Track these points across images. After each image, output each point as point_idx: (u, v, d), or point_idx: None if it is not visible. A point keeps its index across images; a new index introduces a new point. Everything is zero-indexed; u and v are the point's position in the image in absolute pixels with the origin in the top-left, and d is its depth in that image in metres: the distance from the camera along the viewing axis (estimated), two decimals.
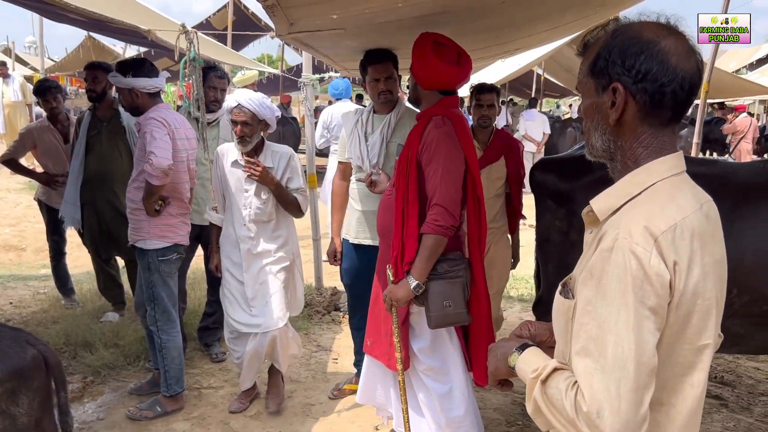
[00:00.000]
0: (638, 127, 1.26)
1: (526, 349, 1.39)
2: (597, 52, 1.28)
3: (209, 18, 13.17)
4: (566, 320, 1.29)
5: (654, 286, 1.14)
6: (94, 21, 3.22)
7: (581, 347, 1.19)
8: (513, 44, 3.86)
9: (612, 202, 1.27)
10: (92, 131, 4.54)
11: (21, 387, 2.31)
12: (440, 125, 2.71)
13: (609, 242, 1.18)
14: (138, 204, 3.44)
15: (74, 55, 16.67)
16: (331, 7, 2.42)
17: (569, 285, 1.32)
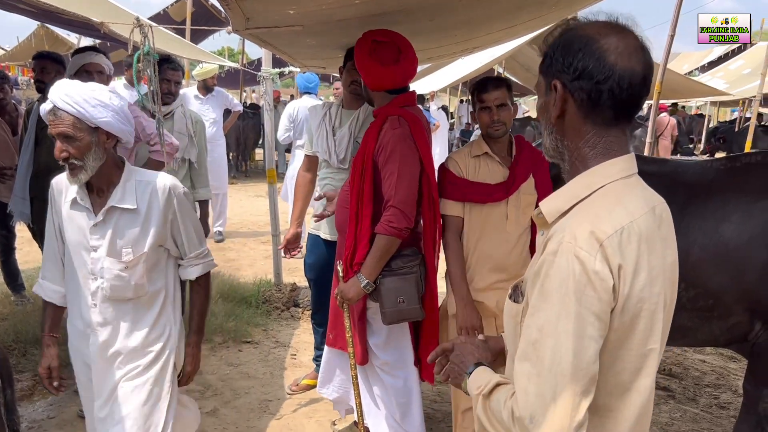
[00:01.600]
0: (581, 126, 1.24)
1: (475, 370, 1.38)
2: (545, 51, 1.27)
3: (167, 9, 12.91)
4: (515, 324, 1.28)
5: (597, 291, 1.12)
6: (44, 11, 3.14)
7: (522, 350, 1.18)
8: (471, 42, 3.89)
9: (560, 204, 1.25)
10: (42, 123, 4.41)
11: None
12: (396, 126, 2.69)
13: (554, 245, 1.16)
14: None
15: (26, 44, 16.12)
16: (287, 2, 2.41)
17: (520, 288, 1.31)
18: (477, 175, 2.76)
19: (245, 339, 4.61)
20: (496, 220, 2.74)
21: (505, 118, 2.73)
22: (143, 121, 3.46)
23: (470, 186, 2.75)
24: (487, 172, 2.76)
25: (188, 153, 4.16)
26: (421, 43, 3.45)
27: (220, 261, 6.68)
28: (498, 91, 2.72)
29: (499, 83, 2.76)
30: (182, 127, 4.11)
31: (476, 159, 2.79)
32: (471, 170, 2.78)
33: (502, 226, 2.74)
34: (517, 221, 2.74)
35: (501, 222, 2.74)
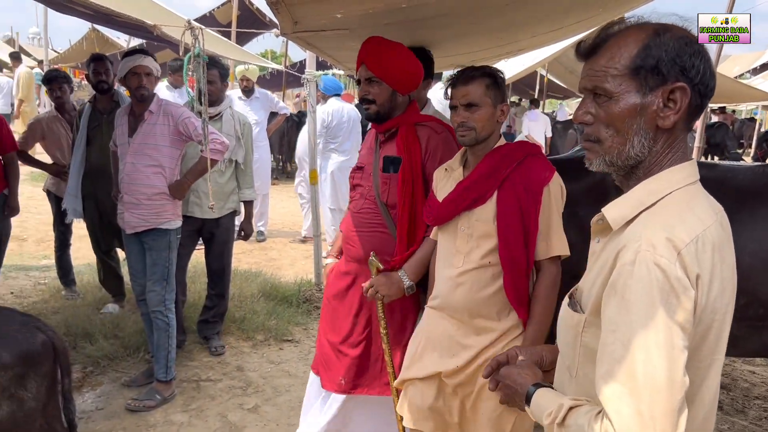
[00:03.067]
0: (681, 131, 1.21)
1: (535, 392, 1.32)
2: (643, 51, 1.18)
3: (213, 12, 13.20)
4: (575, 334, 1.25)
5: (681, 300, 1.07)
6: (100, 14, 3.25)
7: (606, 370, 1.11)
8: (515, 45, 3.88)
9: (626, 211, 1.21)
10: (92, 124, 4.57)
11: (30, 372, 2.35)
12: (440, 131, 2.59)
13: (630, 255, 1.11)
14: (160, 189, 3.59)
15: (77, 46, 16.68)
16: (335, 6, 2.44)
17: (576, 297, 1.28)
18: (439, 191, 2.35)
19: (286, 337, 4.68)
20: (446, 248, 2.29)
21: (476, 121, 2.17)
22: (194, 121, 3.56)
23: (429, 203, 2.38)
24: (446, 188, 2.30)
25: (235, 154, 4.25)
26: (465, 46, 3.46)
27: (262, 260, 6.80)
28: (466, 87, 2.18)
29: (470, 77, 2.19)
30: (230, 129, 4.20)
31: (446, 172, 2.36)
32: (439, 184, 2.38)
33: (450, 256, 2.25)
34: (466, 254, 2.19)
35: (450, 250, 2.26)
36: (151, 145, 3.59)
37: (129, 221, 3.65)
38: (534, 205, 2.12)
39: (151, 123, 3.59)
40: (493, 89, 2.18)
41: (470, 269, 2.18)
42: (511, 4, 2.79)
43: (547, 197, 2.14)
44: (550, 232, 2.16)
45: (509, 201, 2.13)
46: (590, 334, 1.22)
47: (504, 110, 2.22)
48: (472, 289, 2.18)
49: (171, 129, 3.58)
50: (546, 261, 2.19)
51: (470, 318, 2.20)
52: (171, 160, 3.64)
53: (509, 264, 2.13)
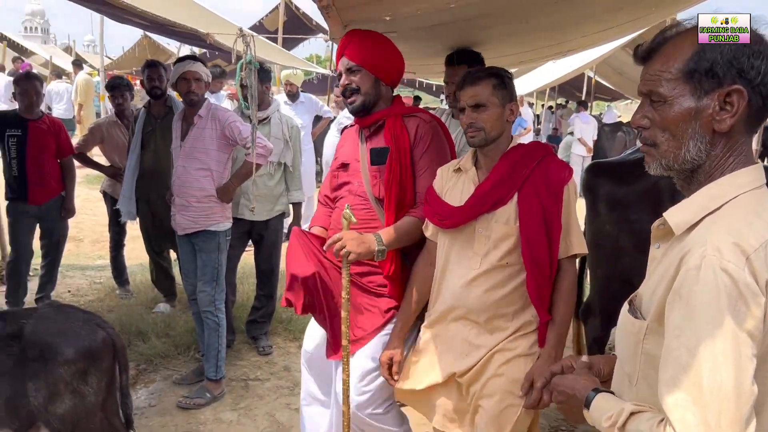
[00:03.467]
0: (737, 134, 1.18)
1: (596, 396, 1.31)
2: (697, 54, 1.17)
3: (262, 20, 13.48)
4: (636, 341, 1.23)
5: (749, 307, 1.04)
6: (156, 23, 3.35)
7: (670, 377, 1.08)
8: (564, 45, 3.83)
9: (689, 215, 1.18)
10: (147, 128, 4.70)
11: (91, 367, 2.45)
12: (428, 119, 2.53)
13: (695, 260, 1.08)
14: (209, 192, 3.69)
15: (130, 53, 17.25)
16: (384, 9, 2.47)
17: (635, 303, 1.25)
18: (448, 192, 2.29)
19: None
20: (460, 250, 2.22)
21: (485, 122, 2.14)
22: (240, 126, 3.64)
23: (437, 205, 2.29)
24: (458, 191, 2.26)
25: (284, 157, 4.32)
26: (513, 46, 3.44)
27: None
28: (473, 88, 2.16)
29: (476, 78, 2.17)
30: (278, 132, 4.28)
31: (456, 173, 2.31)
32: (447, 185, 2.31)
33: (466, 258, 2.21)
34: (484, 256, 2.16)
35: (466, 253, 2.21)
36: (200, 148, 3.69)
37: (180, 223, 3.75)
38: (556, 204, 2.13)
39: (201, 127, 3.69)
40: (500, 89, 2.16)
41: (487, 270, 2.16)
42: (560, 2, 2.76)
43: (566, 196, 2.15)
44: (570, 231, 2.17)
45: (531, 201, 2.12)
46: (652, 341, 1.20)
47: (513, 109, 2.19)
48: (489, 290, 2.16)
49: (218, 133, 3.67)
50: (565, 260, 2.19)
51: (486, 319, 2.19)
52: (219, 164, 3.72)
53: (532, 264, 2.12)
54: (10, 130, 4.59)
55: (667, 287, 1.14)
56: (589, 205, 3.56)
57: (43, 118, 4.76)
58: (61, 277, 5.84)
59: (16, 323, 2.41)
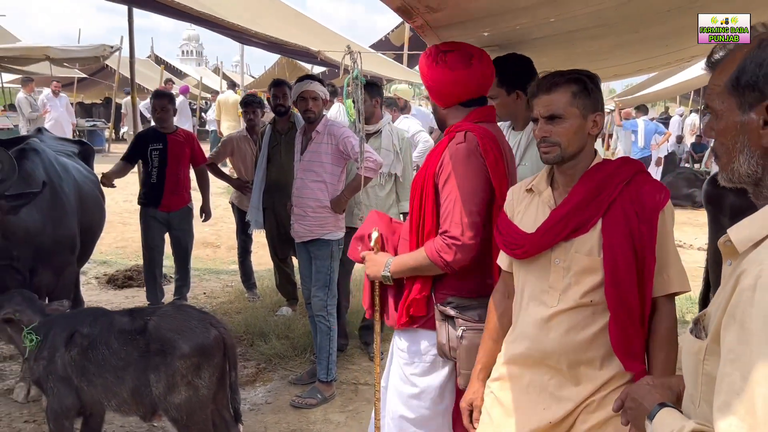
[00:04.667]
0: None
1: (660, 410, 1.28)
2: (740, 66, 1.15)
3: (388, 35, 13.82)
4: (696, 362, 1.19)
5: None
6: (273, 44, 3.61)
7: (723, 402, 1.04)
8: (687, 52, 3.63)
9: (753, 232, 1.12)
10: (272, 143, 5.02)
11: (204, 362, 2.69)
12: (460, 140, 2.21)
13: (751, 280, 1.03)
14: (323, 203, 3.92)
15: (270, 72, 18.33)
16: (481, 25, 2.50)
17: (702, 322, 1.21)
18: (520, 216, 2.02)
19: None
20: (536, 284, 1.94)
21: (560, 136, 1.85)
22: (353, 141, 3.81)
23: (507, 231, 2.01)
24: (531, 214, 1.98)
25: (394, 168, 4.46)
26: (624, 57, 3.32)
27: None
28: (549, 96, 1.86)
29: (553, 84, 1.87)
30: (389, 144, 4.43)
31: (529, 193, 2.03)
32: (519, 208, 2.04)
33: (542, 294, 1.92)
34: (563, 292, 1.87)
35: (542, 287, 1.92)
36: (316, 162, 3.93)
37: (297, 231, 4.00)
38: (649, 233, 1.81)
39: (318, 142, 3.94)
40: (581, 97, 1.85)
41: (567, 309, 1.86)
42: (673, 10, 2.65)
43: (662, 224, 1.83)
44: (668, 265, 1.85)
45: (618, 229, 1.81)
46: (712, 362, 1.15)
47: (597, 121, 1.89)
48: (570, 332, 1.86)
49: (333, 148, 3.89)
50: (663, 299, 1.86)
51: (569, 366, 1.88)
52: (333, 177, 3.94)
53: (617, 305, 1.81)
54: (153, 144, 5.12)
55: (724, 307, 1.10)
56: (711, 218, 3.36)
57: (177, 131, 5.28)
58: (198, 280, 6.38)
59: (142, 319, 2.70)
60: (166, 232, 5.32)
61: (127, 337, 2.67)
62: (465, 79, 2.26)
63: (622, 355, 1.82)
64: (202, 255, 7.70)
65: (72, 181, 4.12)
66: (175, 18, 3.64)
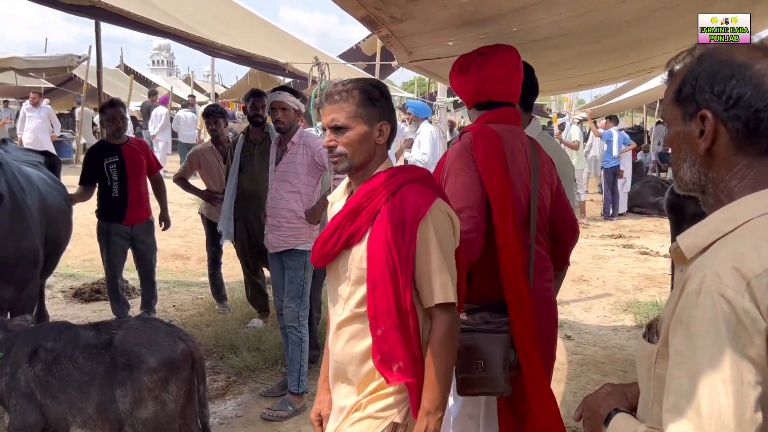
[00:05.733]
0: (731, 157, 1.15)
1: (615, 416, 1.31)
2: (682, 78, 1.20)
3: (359, 44, 13.86)
4: (648, 365, 1.21)
5: (749, 333, 1.02)
6: (240, 56, 3.60)
7: (672, 404, 1.07)
8: (648, 62, 3.71)
9: (699, 239, 1.16)
10: (245, 153, 5.00)
11: (171, 376, 2.65)
12: (456, 141, 2.33)
13: (696, 285, 1.07)
14: (298, 213, 3.91)
15: (242, 82, 18.27)
16: (446, 35, 2.53)
17: (655, 327, 1.24)
18: None
19: None
20: (332, 293, 1.98)
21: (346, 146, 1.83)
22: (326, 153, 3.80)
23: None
24: None
25: None
26: (587, 67, 3.38)
27: None
28: (332, 106, 1.84)
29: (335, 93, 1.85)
30: None
31: (331, 204, 2.07)
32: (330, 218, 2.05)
33: (334, 302, 1.95)
34: (346, 300, 1.88)
35: (334, 296, 1.95)
36: (292, 173, 3.93)
37: (271, 241, 3.99)
38: (406, 242, 1.77)
39: (293, 153, 3.95)
40: (366, 106, 1.83)
41: (348, 318, 1.87)
42: (631, 21, 2.72)
43: (423, 234, 1.78)
44: (431, 275, 1.79)
45: (379, 239, 1.79)
46: (663, 365, 1.18)
47: (383, 130, 1.86)
48: (351, 342, 1.87)
49: (309, 159, 3.91)
50: (435, 309, 1.81)
51: (353, 375, 1.89)
52: (308, 187, 3.94)
53: (373, 314, 1.80)
54: (108, 158, 4.97)
55: (672, 312, 1.13)
56: (673, 226, 3.44)
57: (130, 140, 5.17)
58: (167, 293, 6.30)
59: (108, 333, 2.66)
60: (129, 247, 5.21)
61: (93, 351, 2.63)
62: (461, 84, 2.41)
63: (380, 365, 1.79)
64: (171, 267, 7.61)
65: (36, 192, 4.04)
66: (144, 32, 3.62)
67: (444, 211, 1.84)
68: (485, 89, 2.37)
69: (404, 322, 1.78)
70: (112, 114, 5.02)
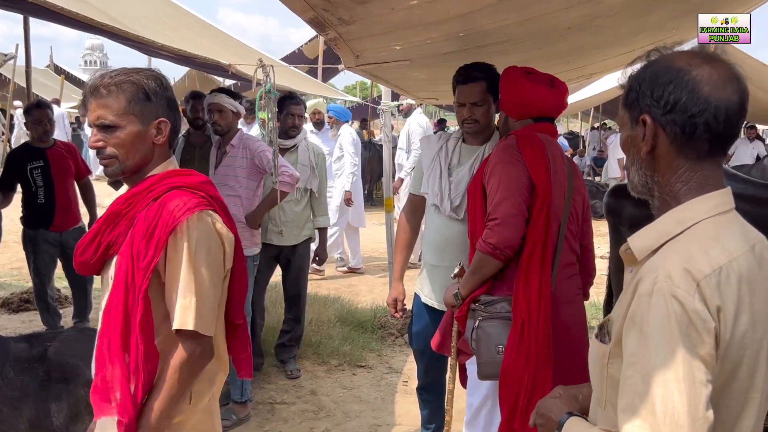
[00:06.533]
0: (673, 160, 1.18)
1: (567, 420, 1.32)
2: (629, 84, 1.22)
3: (301, 47, 13.75)
4: (601, 366, 1.23)
5: (700, 333, 1.04)
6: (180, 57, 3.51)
7: (626, 404, 1.08)
8: (586, 69, 3.82)
9: (650, 241, 1.18)
10: (185, 156, 4.85)
11: None
12: (510, 140, 2.44)
13: (648, 286, 1.09)
14: (238, 218, 3.78)
15: (180, 84, 17.79)
16: (393, 39, 2.53)
17: (606, 327, 1.25)
18: None
19: (360, 363, 4.73)
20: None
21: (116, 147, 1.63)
22: (268, 155, 3.75)
23: None
24: None
25: (310, 183, 4.43)
26: None
27: (341, 286, 6.93)
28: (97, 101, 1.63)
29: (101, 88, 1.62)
30: (305, 159, 4.39)
31: None
32: None
33: None
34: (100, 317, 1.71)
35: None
36: (231, 176, 3.84)
37: None
38: (148, 254, 1.57)
39: (233, 156, 3.86)
40: (140, 102, 1.63)
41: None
42: (573, 28, 2.78)
43: (175, 247, 1.58)
44: (176, 297, 1.59)
45: (126, 249, 1.60)
46: (615, 365, 1.19)
47: (162, 128, 1.66)
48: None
49: (249, 162, 3.82)
50: (179, 335, 1.60)
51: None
52: (248, 191, 3.86)
53: (102, 335, 1.63)
54: (32, 162, 4.69)
55: (624, 312, 1.15)
56: (611, 228, 3.53)
57: (57, 144, 4.90)
58: (95, 303, 6.05)
59: (41, 346, 2.52)
60: (59, 255, 4.92)
61: (25, 364, 2.49)
62: (544, 95, 2.50)
63: (96, 393, 1.63)
64: None
65: None
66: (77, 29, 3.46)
67: (210, 226, 1.63)
68: (558, 106, 2.57)
69: (130, 348, 1.56)
70: (39, 116, 4.73)
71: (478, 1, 2.21)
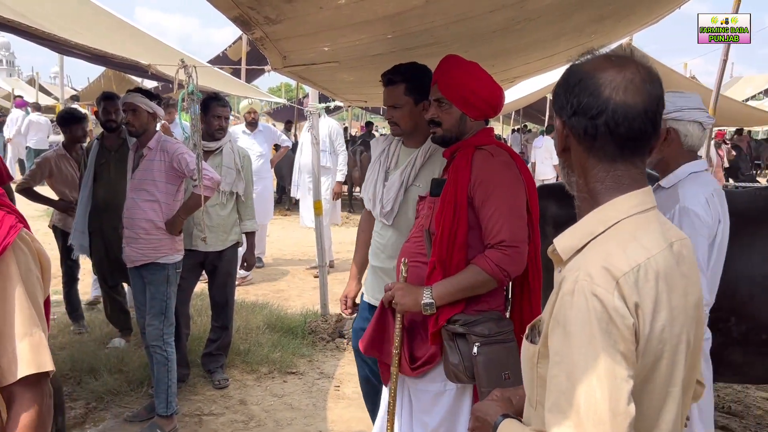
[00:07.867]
0: (586, 162, 1.21)
1: (502, 422, 1.33)
2: (554, 88, 1.26)
3: (225, 50, 13.50)
4: (531, 366, 1.24)
5: (620, 330, 1.07)
6: (98, 56, 3.33)
7: (552, 403, 1.11)
8: (510, 72, 3.90)
9: (574, 241, 1.21)
10: (100, 160, 4.64)
11: None
12: (497, 154, 2.28)
13: (569, 285, 1.12)
14: (157, 224, 3.65)
15: (96, 84, 17.08)
16: (321, 39, 2.49)
17: (537, 328, 1.27)
18: None
19: (290, 370, 4.64)
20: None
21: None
22: (188, 157, 3.61)
23: None
24: None
25: (236, 186, 4.30)
26: None
27: (270, 291, 6.81)
28: None
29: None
30: (230, 162, 4.26)
31: None
32: None
33: None
34: None
35: None
36: (149, 180, 3.67)
37: (129, 255, 3.71)
38: None
39: (150, 159, 3.68)
40: None
41: None
42: (498, 31, 2.82)
43: (6, 270, 1.28)
44: (13, 336, 1.29)
45: None
46: (544, 365, 1.21)
47: None
48: None
49: (167, 165, 3.65)
50: (18, 387, 1.30)
51: None
52: (167, 196, 3.69)
53: None
54: None
55: (550, 312, 1.17)
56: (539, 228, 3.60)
57: None
58: None
59: None
60: None
61: None
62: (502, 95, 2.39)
63: None
64: None
65: None
66: None
67: (30, 245, 1.35)
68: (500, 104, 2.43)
69: None
70: None
71: (406, 2, 2.20)
